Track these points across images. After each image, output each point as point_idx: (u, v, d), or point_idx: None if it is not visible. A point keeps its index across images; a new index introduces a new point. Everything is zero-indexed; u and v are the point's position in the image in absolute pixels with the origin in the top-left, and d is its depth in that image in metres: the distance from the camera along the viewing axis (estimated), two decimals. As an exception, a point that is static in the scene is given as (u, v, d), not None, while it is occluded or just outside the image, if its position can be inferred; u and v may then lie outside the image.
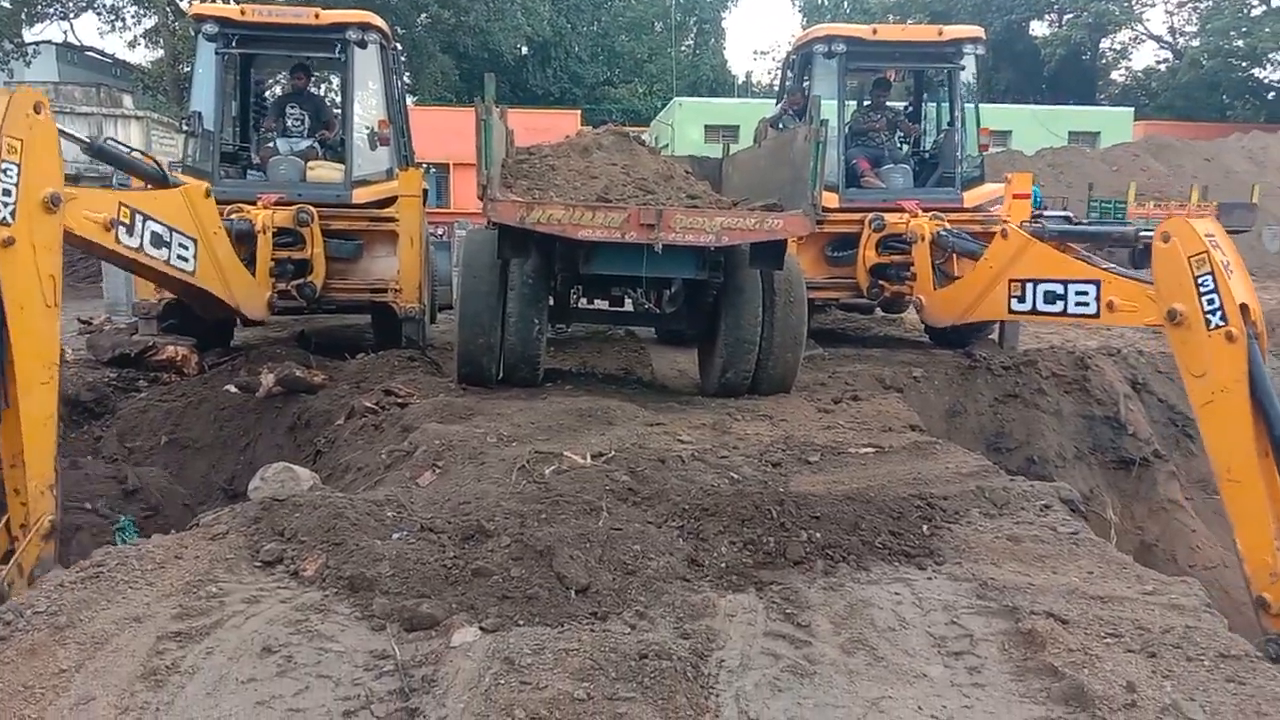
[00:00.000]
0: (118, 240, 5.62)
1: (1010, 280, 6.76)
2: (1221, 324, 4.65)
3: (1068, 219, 25.04)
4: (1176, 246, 4.87)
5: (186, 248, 6.52)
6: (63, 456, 6.98)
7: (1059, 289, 6.30)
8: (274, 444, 7.14)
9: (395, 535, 3.79)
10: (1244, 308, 4.61)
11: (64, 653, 2.90)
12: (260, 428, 7.29)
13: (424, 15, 39.74)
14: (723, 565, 3.71)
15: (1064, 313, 6.33)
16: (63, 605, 3.16)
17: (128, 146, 6.95)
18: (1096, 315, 6.03)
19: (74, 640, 2.97)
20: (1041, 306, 6.52)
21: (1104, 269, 6.03)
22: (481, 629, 3.12)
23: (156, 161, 6.83)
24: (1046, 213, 25.00)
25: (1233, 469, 4.62)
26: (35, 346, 4.37)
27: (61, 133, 5.08)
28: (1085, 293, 6.07)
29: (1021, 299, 6.69)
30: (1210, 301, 4.69)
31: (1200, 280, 4.74)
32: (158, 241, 6.13)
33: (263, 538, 3.79)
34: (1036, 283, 6.52)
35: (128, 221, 5.73)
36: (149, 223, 5.99)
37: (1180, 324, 4.85)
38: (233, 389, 7.57)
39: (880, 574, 3.70)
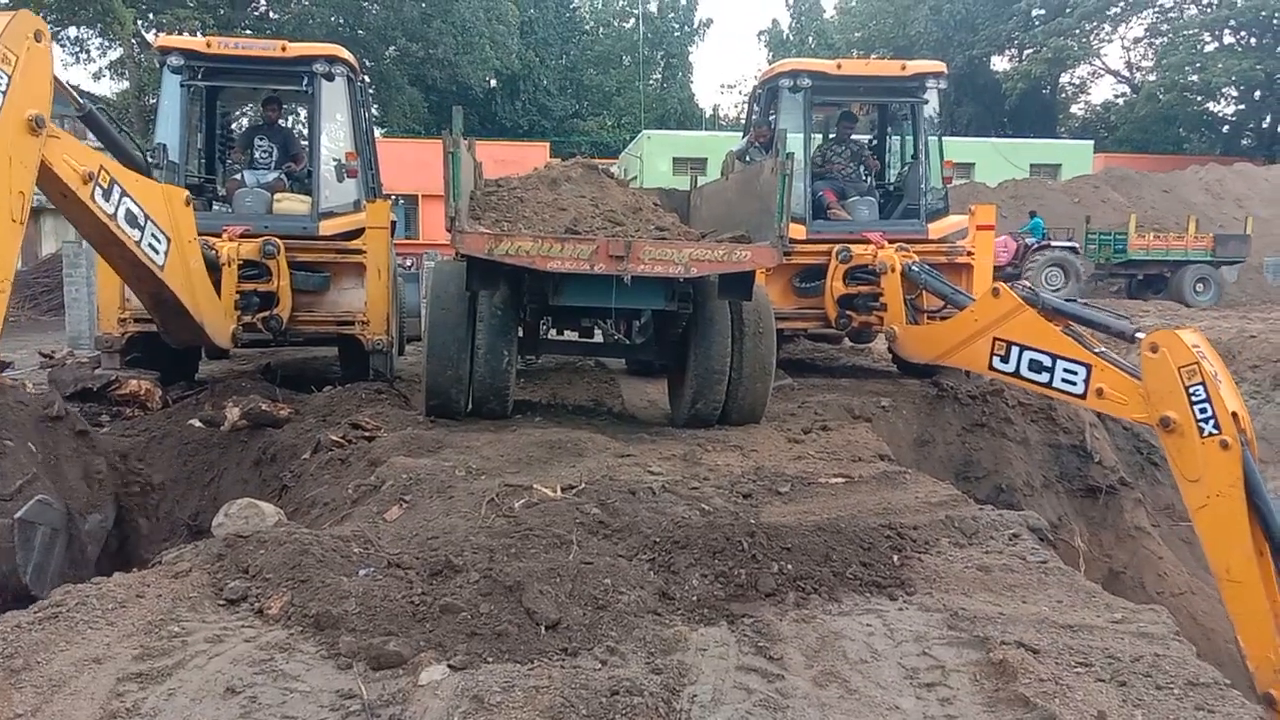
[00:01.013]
0: (93, 198, 5.54)
1: (995, 338, 6.75)
2: (1215, 432, 4.78)
3: (1073, 249, 25.45)
4: (1166, 358, 4.95)
5: (159, 240, 6.43)
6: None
7: (1047, 360, 6.25)
8: (239, 479, 7.03)
9: (362, 572, 3.73)
10: (1234, 415, 4.75)
11: (20, 696, 2.82)
12: (225, 463, 7.18)
13: (392, 48, 39.90)
14: (694, 598, 3.69)
15: (1049, 385, 6.29)
16: (19, 647, 3.07)
17: (118, 125, 6.81)
18: (1083, 397, 6.01)
19: (30, 684, 2.89)
20: (1026, 373, 6.44)
21: (1096, 353, 6.05)
22: (450, 667, 3.07)
23: (143, 153, 6.76)
24: (1054, 243, 25.45)
25: (1232, 569, 4.72)
26: None
27: (58, 82, 5.10)
28: (1074, 373, 6.04)
29: (1005, 359, 6.64)
30: (1203, 410, 4.81)
31: (1192, 390, 4.85)
32: (131, 220, 6.03)
33: (226, 575, 3.72)
34: (1024, 348, 6.47)
35: (105, 186, 5.65)
36: (126, 199, 5.91)
37: (1173, 431, 4.95)
38: (197, 423, 7.45)
39: (852, 605, 3.69)
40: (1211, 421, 4.79)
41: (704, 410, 7.06)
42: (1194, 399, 4.85)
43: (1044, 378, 6.28)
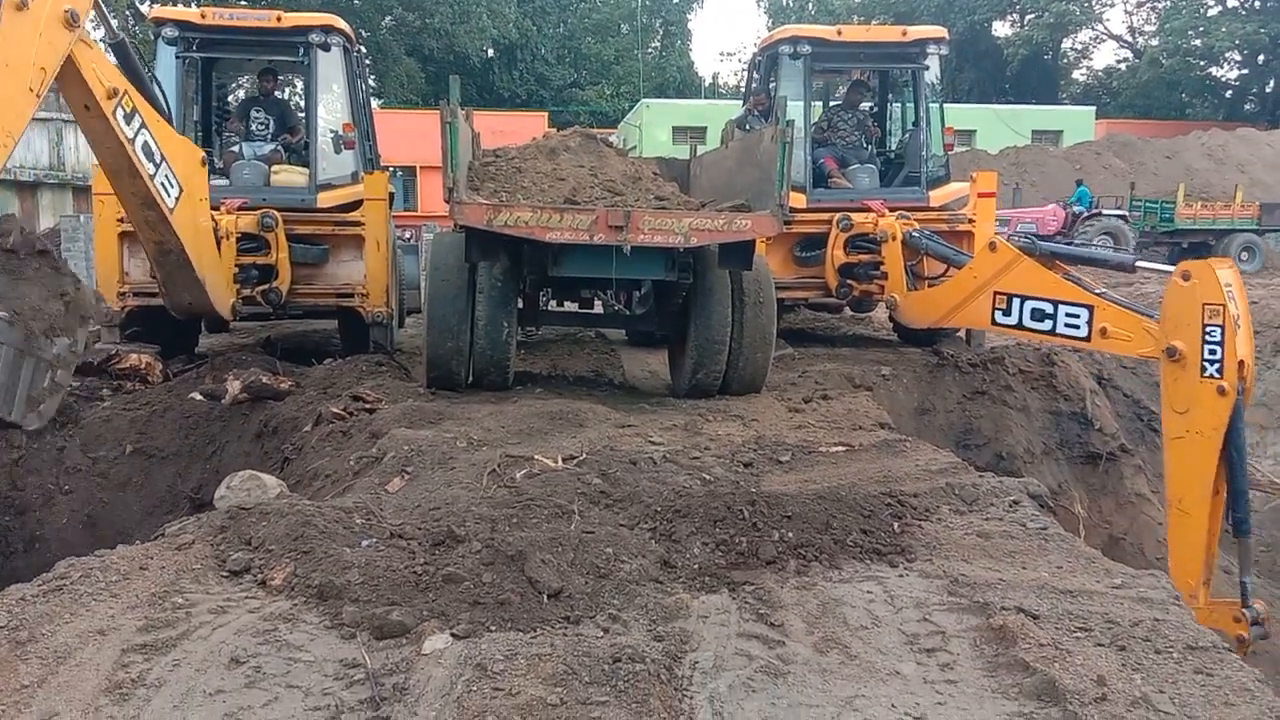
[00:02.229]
0: (114, 116, 5.64)
1: (996, 293, 6.73)
2: (1216, 376, 4.81)
3: (1124, 217, 25.35)
4: (1195, 290, 4.93)
5: (172, 185, 6.47)
6: (24, 470, 6.90)
7: (1048, 308, 6.25)
8: (241, 452, 7.04)
9: (364, 542, 3.75)
10: (1241, 364, 4.76)
11: (25, 668, 2.84)
12: (226, 436, 7.20)
13: (388, 18, 39.58)
14: (695, 566, 3.71)
15: (1052, 332, 6.29)
16: (24, 619, 3.09)
17: (151, 73, 6.92)
18: (1087, 339, 6.02)
19: (36, 655, 2.91)
20: (1029, 323, 6.45)
21: (1097, 294, 6.03)
22: (453, 635, 3.09)
23: (168, 103, 6.85)
24: (1105, 211, 25.34)
25: (1185, 501, 5.00)
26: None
27: (99, 6, 5.51)
28: (1077, 315, 6.03)
29: (1007, 312, 6.64)
30: (1212, 352, 4.85)
31: (1208, 330, 4.86)
32: (148, 153, 6.10)
33: (229, 547, 3.74)
34: (1025, 299, 6.46)
35: (128, 110, 5.77)
36: (145, 131, 5.99)
37: (1177, 361, 4.96)
38: (198, 397, 7.46)
39: (852, 572, 3.71)
40: (1217, 365, 4.83)
41: (705, 380, 7.05)
42: (1208, 338, 4.88)
43: (1047, 325, 6.30)
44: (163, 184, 6.37)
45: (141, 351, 8.15)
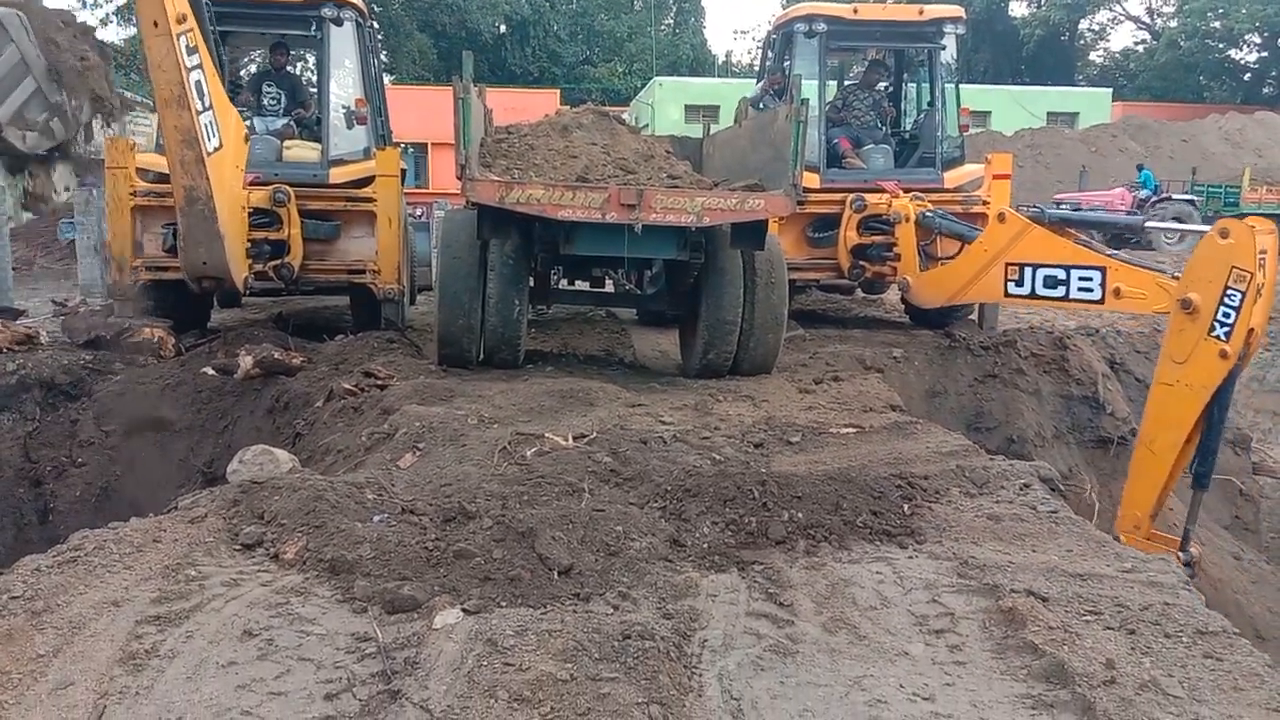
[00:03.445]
0: (177, 40, 6.21)
1: (1007, 264, 6.73)
2: (1223, 339, 4.84)
3: (1192, 202, 25.19)
4: (1230, 250, 4.93)
5: (214, 132, 6.85)
6: (38, 442, 6.95)
7: (1060, 274, 6.27)
8: (253, 427, 7.08)
9: (376, 518, 3.76)
10: (1250, 331, 4.79)
11: (41, 638, 2.87)
12: (239, 410, 7.23)
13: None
14: (705, 545, 3.72)
15: (1066, 298, 6.31)
16: (39, 590, 3.12)
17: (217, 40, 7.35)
18: (1101, 301, 6.05)
19: (51, 625, 2.94)
20: (1041, 291, 6.47)
21: (1108, 255, 6.05)
22: (464, 611, 3.11)
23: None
24: (1174, 196, 25.19)
25: (1156, 442, 5.26)
26: None
27: None
28: (1089, 278, 6.06)
29: (1019, 283, 6.65)
30: (1226, 314, 4.90)
31: (1229, 292, 4.88)
32: (200, 91, 6.53)
33: (242, 521, 3.76)
34: (1036, 267, 6.47)
35: (191, 45, 6.32)
36: (201, 71, 6.49)
37: (1189, 313, 4.99)
38: (210, 371, 7.49)
39: (862, 553, 3.71)
40: (1227, 328, 4.90)
41: (715, 361, 7.05)
42: (1226, 300, 4.92)
43: (1060, 291, 6.34)
44: (207, 126, 6.72)
45: (154, 325, 8.18)
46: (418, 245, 11.76)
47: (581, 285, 8.97)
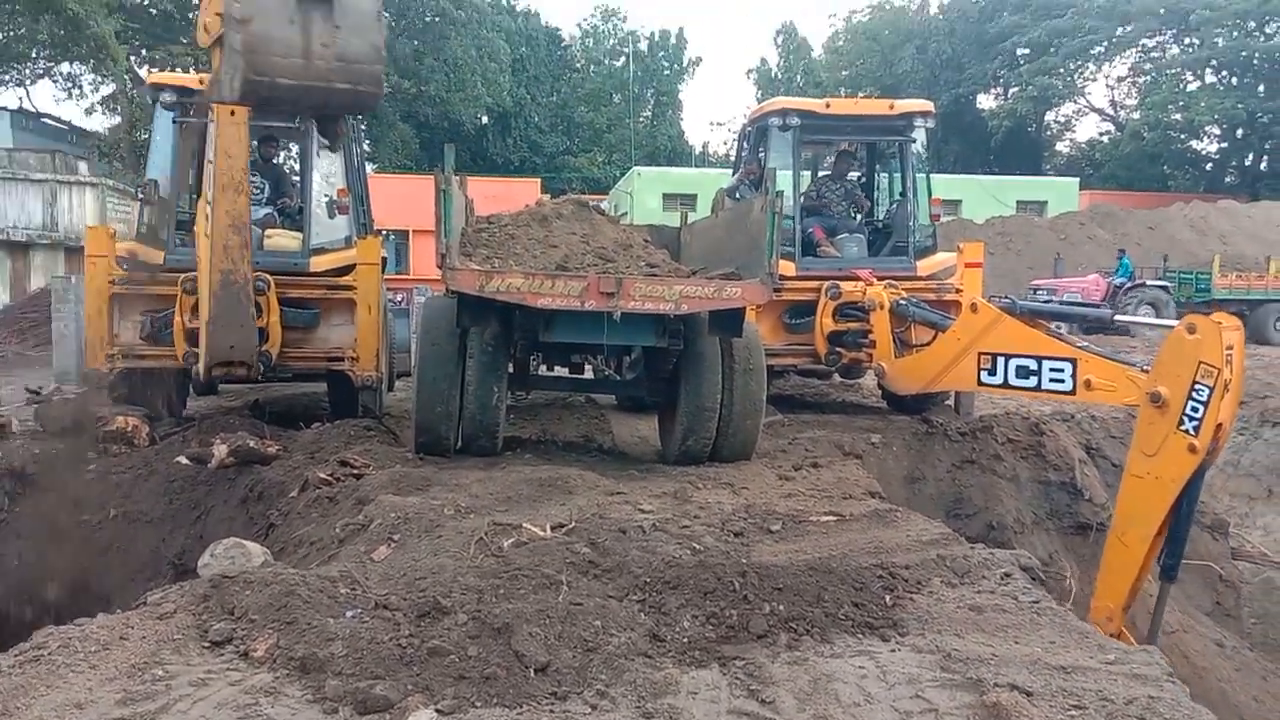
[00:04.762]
0: (243, 129, 6.70)
1: (980, 353, 6.83)
2: (1191, 434, 4.92)
3: (1165, 289, 25.66)
4: (1196, 347, 5.02)
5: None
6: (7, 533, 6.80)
7: (1032, 364, 6.37)
8: (226, 517, 6.97)
9: (349, 613, 3.69)
10: (1219, 426, 4.87)
11: (-3, 744, 2.77)
12: (212, 500, 7.12)
13: (384, 85, 40.18)
14: (685, 640, 3.66)
15: (1037, 388, 6.41)
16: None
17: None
18: (1072, 393, 6.14)
19: (9, 730, 2.84)
20: (1014, 381, 6.57)
21: (1079, 347, 6.15)
22: (438, 711, 3.03)
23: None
24: (1148, 282, 25.68)
25: (1127, 535, 5.29)
26: None
27: None
28: (1061, 370, 6.16)
29: (992, 372, 6.74)
30: (1194, 409, 4.98)
31: (1197, 387, 4.96)
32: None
33: (212, 617, 3.68)
34: (1009, 357, 6.58)
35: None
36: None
37: (1159, 407, 5.06)
38: (184, 460, 7.40)
39: (844, 646, 3.66)
40: (1195, 423, 4.97)
41: (695, 447, 7.04)
42: (1194, 395, 4.99)
43: (1032, 382, 6.43)
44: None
45: (128, 414, 8.10)
46: (397, 331, 11.79)
47: (561, 371, 8.99)
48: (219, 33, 6.21)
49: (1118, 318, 6.08)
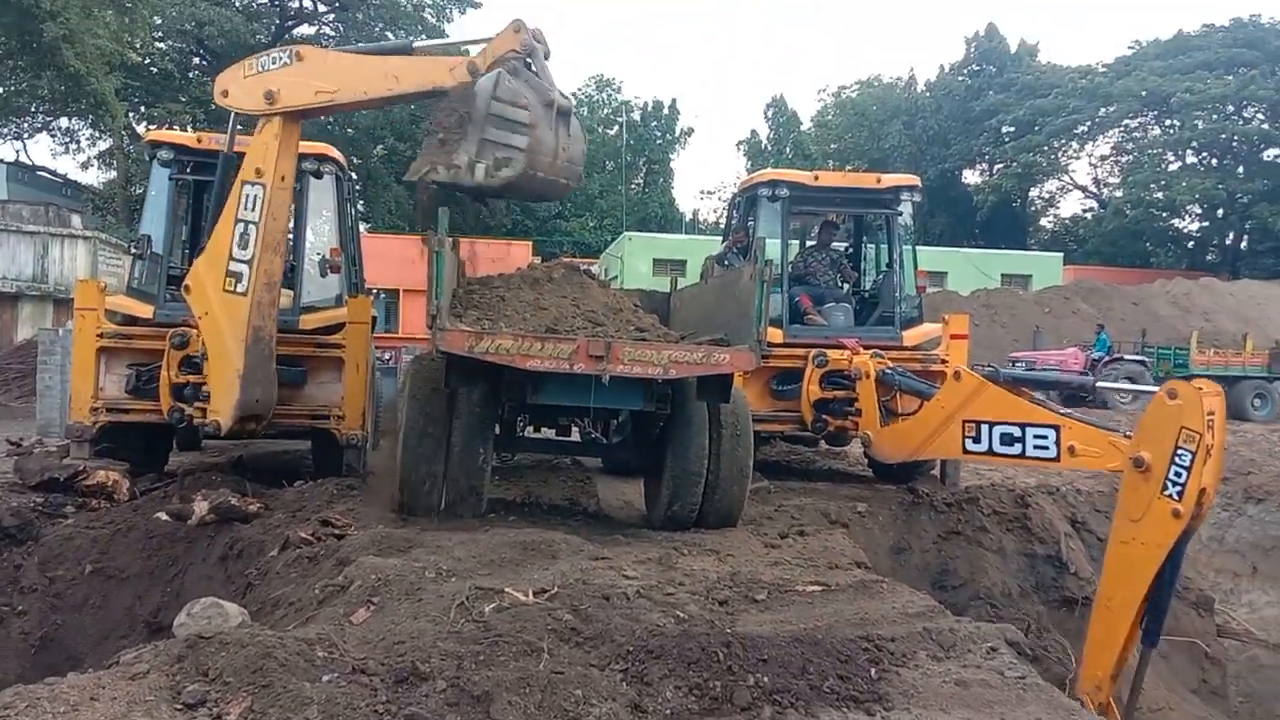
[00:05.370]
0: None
1: (965, 421, 6.87)
2: (1175, 499, 4.95)
3: (1143, 363, 25.84)
4: (1178, 412, 5.09)
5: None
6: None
7: (1016, 431, 6.42)
8: (204, 575, 6.87)
9: (325, 677, 3.62)
10: (1202, 492, 4.91)
11: (-42, 808, 2.69)
12: (190, 558, 7.02)
13: (380, 146, 40.73)
14: (667, 712, 3.60)
15: (1022, 455, 6.45)
16: (-38, 754, 2.95)
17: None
18: (1056, 459, 6.18)
19: (-29, 794, 2.76)
20: (999, 448, 6.61)
21: (1062, 414, 6.19)
22: (413, 780, 2.96)
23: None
24: (1126, 357, 25.89)
25: (1113, 601, 5.30)
26: None
27: None
28: (1044, 436, 6.21)
29: (977, 439, 6.79)
30: (1177, 474, 5.03)
31: (1179, 453, 5.02)
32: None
33: (186, 678, 3.60)
34: (993, 425, 6.63)
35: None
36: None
37: (1142, 472, 5.10)
38: (163, 516, 7.31)
39: (828, 720, 3.61)
40: (1179, 488, 5.01)
41: (680, 512, 7.00)
42: (1177, 460, 5.03)
43: (1016, 449, 6.47)
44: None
45: (110, 468, 8.03)
46: (384, 389, 11.77)
47: (547, 433, 8.97)
48: (294, 105, 7.12)
49: (1100, 384, 6.18)
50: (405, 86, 7.05)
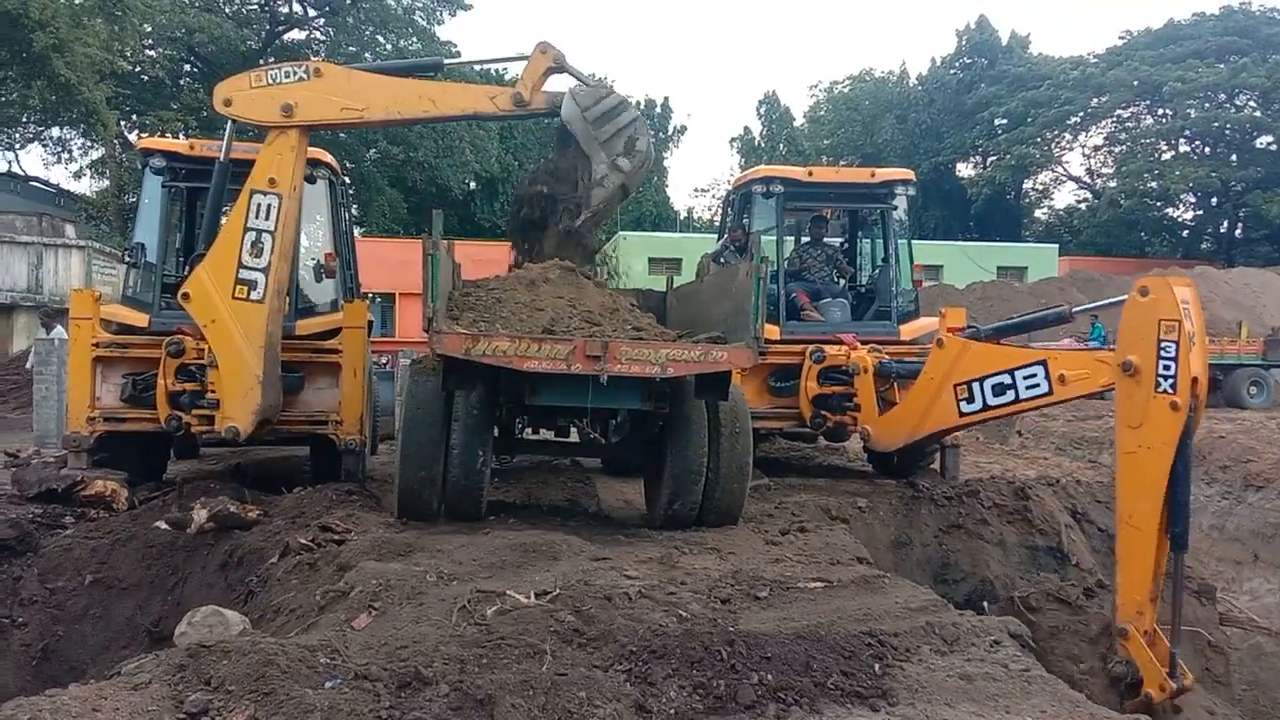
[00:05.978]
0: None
1: (955, 385, 6.88)
2: (1170, 391, 4.92)
3: None
4: (1153, 306, 5.08)
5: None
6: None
7: (1006, 379, 6.45)
8: (204, 583, 6.85)
9: (328, 683, 3.61)
10: (1194, 380, 4.87)
11: (-39, 823, 2.68)
12: (190, 566, 7.01)
13: (373, 150, 40.65)
14: (672, 711, 3.59)
15: (1016, 400, 6.47)
16: (-37, 768, 2.93)
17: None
18: (1050, 393, 6.21)
19: (-27, 808, 2.75)
20: (993, 401, 6.64)
21: (1044, 348, 6.21)
22: (418, 786, 2.95)
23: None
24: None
25: (1135, 516, 5.13)
26: None
27: None
28: (1034, 374, 6.25)
29: (970, 400, 6.80)
30: (1166, 368, 4.99)
31: (1163, 345, 5.00)
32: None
33: (188, 687, 3.59)
34: (983, 380, 6.66)
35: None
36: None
37: (1132, 376, 5.07)
38: (163, 525, 7.29)
39: (833, 716, 3.61)
40: (1170, 380, 4.97)
41: (681, 511, 6.99)
42: (1163, 353, 5.01)
43: (1009, 396, 6.50)
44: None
45: (108, 478, 8.01)
46: (381, 394, 11.75)
47: (546, 434, 8.95)
48: (314, 120, 7.55)
49: (1075, 310, 6.21)
50: (442, 110, 7.35)
